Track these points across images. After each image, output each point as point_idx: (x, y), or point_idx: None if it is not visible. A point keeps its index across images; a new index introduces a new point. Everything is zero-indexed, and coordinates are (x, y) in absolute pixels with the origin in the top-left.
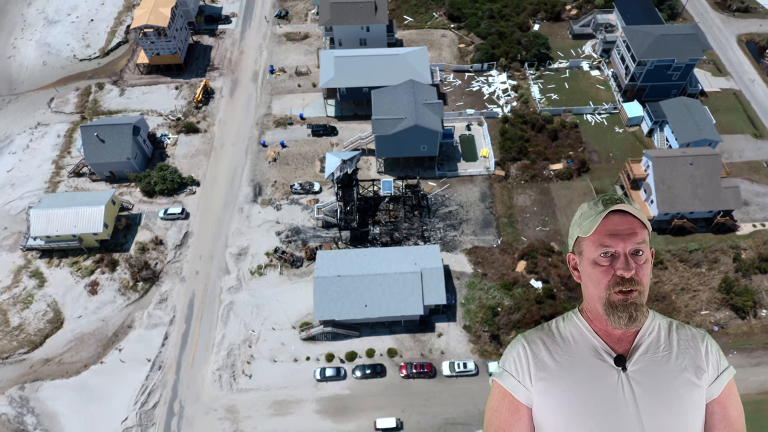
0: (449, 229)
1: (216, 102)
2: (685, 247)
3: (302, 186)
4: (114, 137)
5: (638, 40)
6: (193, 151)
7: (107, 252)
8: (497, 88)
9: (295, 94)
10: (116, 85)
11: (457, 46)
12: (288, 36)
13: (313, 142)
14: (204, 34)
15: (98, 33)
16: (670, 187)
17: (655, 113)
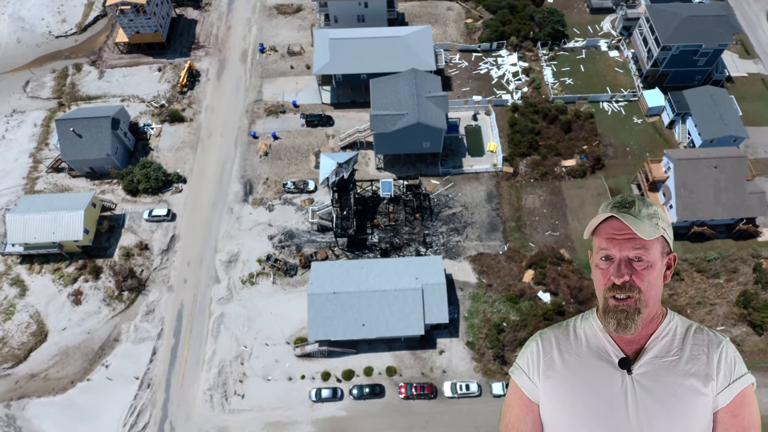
0: (453, 234)
1: (202, 86)
2: (704, 256)
3: (296, 185)
4: (91, 132)
5: (663, 22)
6: (179, 142)
7: (90, 258)
8: (507, 70)
9: (287, 77)
10: (95, 65)
11: (464, 21)
12: (279, 8)
13: (308, 133)
14: (188, 6)
15: (74, 5)
16: (692, 192)
17: (677, 104)
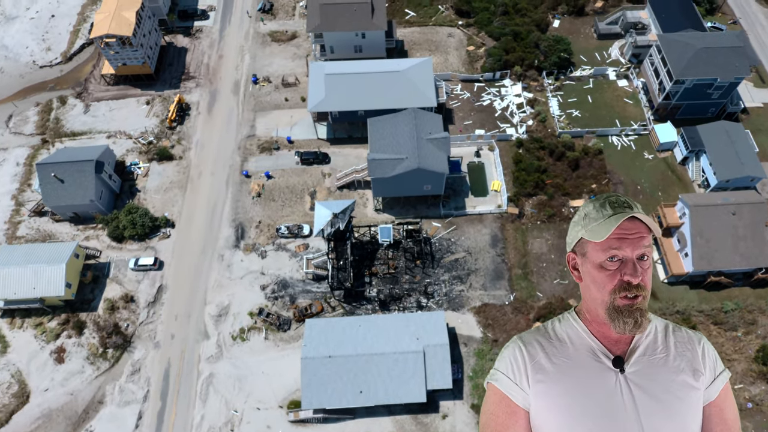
0: (456, 282)
1: (192, 120)
2: (720, 307)
3: (290, 230)
4: (74, 176)
5: (676, 54)
6: (167, 183)
7: (73, 312)
8: (511, 102)
9: (281, 110)
10: (80, 98)
11: (465, 48)
12: (273, 36)
13: (303, 171)
14: (178, 33)
15: (59, 33)
16: (709, 241)
17: (691, 140)
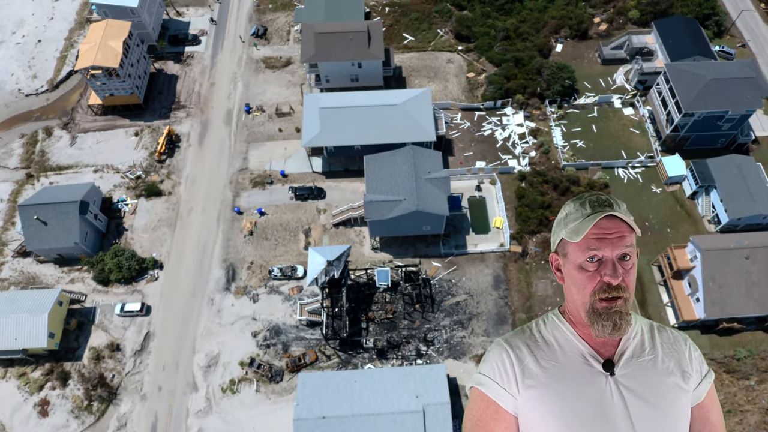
0: (456, 328)
1: (182, 153)
2: (733, 354)
3: (283, 271)
4: (58, 218)
5: (685, 85)
6: (156, 220)
7: (57, 361)
8: (513, 131)
9: (275, 141)
10: (67, 129)
11: (465, 75)
12: (267, 62)
13: (297, 207)
14: (168, 60)
15: (46, 59)
16: (721, 287)
17: (700, 175)
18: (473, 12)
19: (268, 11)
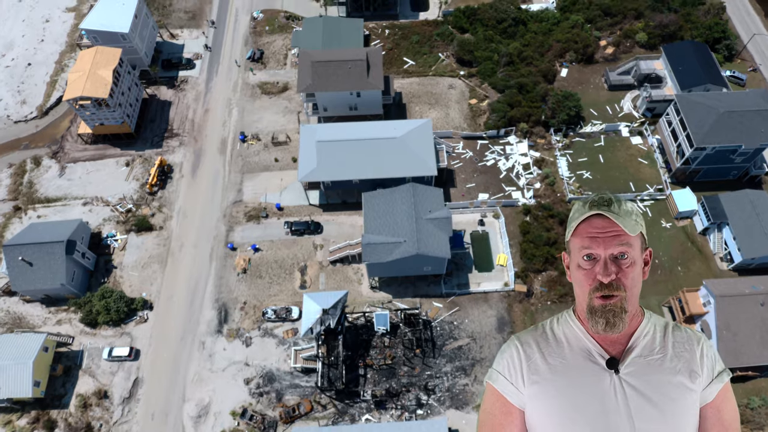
0: (459, 374)
1: (175, 184)
2: (747, 403)
3: (277, 313)
4: (43, 259)
5: (697, 117)
6: (146, 257)
7: (43, 409)
8: (516, 161)
9: (271, 172)
10: (56, 158)
11: (467, 101)
12: (263, 87)
13: (293, 243)
14: (161, 85)
15: (36, 83)
16: (736, 335)
17: (712, 211)
18: (475, 35)
19: (265, 34)
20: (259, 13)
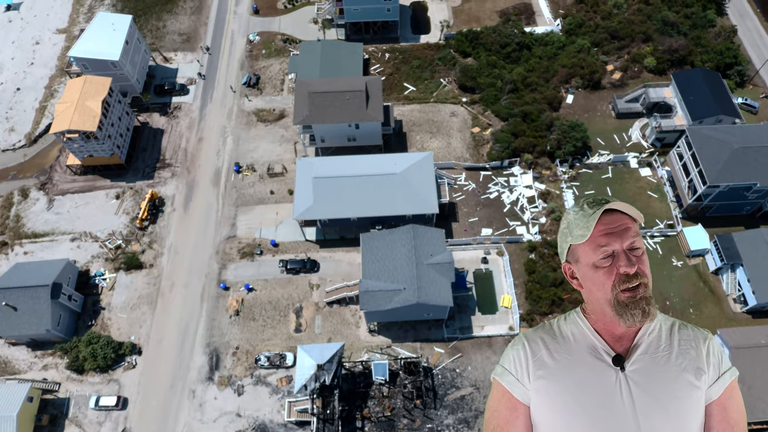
0: (462, 428)
1: (166, 218)
2: None
3: (270, 360)
4: (28, 303)
5: (710, 154)
6: (135, 298)
7: None
8: (521, 194)
9: (266, 205)
10: (44, 190)
11: (470, 129)
12: (259, 114)
13: (288, 282)
14: (154, 112)
15: (24, 109)
16: (750, 388)
17: (726, 251)
18: (478, 60)
19: (261, 57)
20: (255, 35)
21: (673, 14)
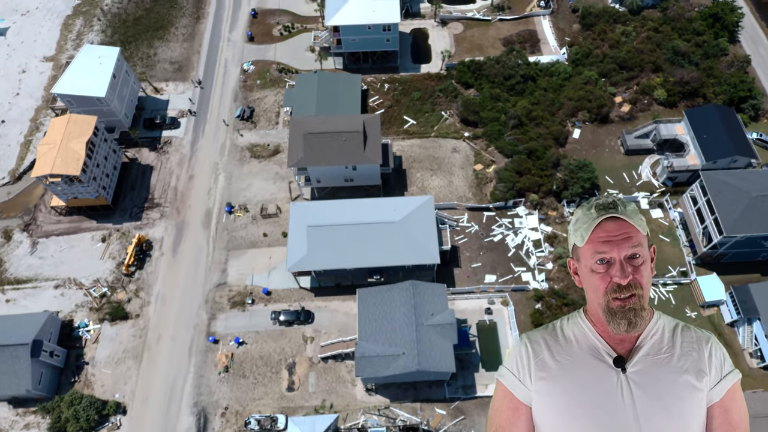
0: None
1: (153, 263)
2: None
3: (261, 424)
4: (7, 363)
5: (726, 202)
6: (120, 352)
7: None
8: (526, 237)
9: (259, 249)
10: (28, 231)
11: (472, 166)
12: (253, 150)
13: (280, 335)
14: (143, 147)
15: (9, 144)
16: None
17: (742, 304)
18: (481, 91)
19: (256, 88)
20: (250, 64)
21: (683, 43)
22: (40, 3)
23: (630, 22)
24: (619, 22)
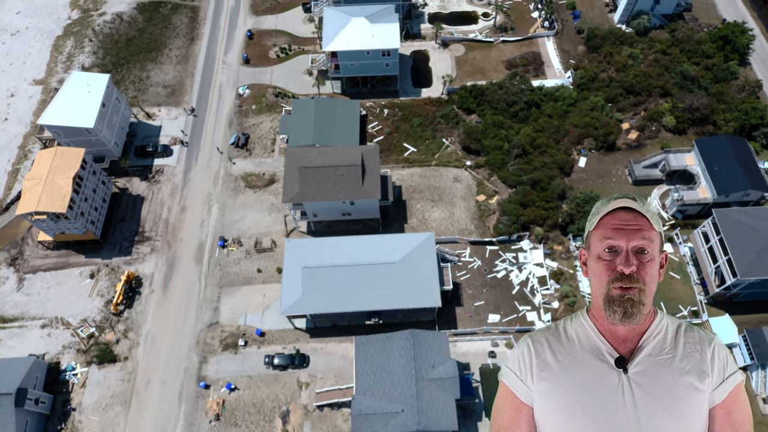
0: None
1: (143, 302)
2: None
3: None
4: None
5: (740, 242)
6: (108, 397)
7: None
8: (531, 273)
9: (252, 286)
10: (14, 266)
11: (474, 197)
12: (247, 180)
13: (274, 380)
14: (134, 176)
15: None
16: None
17: (756, 349)
18: (483, 118)
19: (251, 114)
20: (245, 88)
21: (692, 67)
22: (30, 23)
23: (637, 44)
24: (626, 44)
